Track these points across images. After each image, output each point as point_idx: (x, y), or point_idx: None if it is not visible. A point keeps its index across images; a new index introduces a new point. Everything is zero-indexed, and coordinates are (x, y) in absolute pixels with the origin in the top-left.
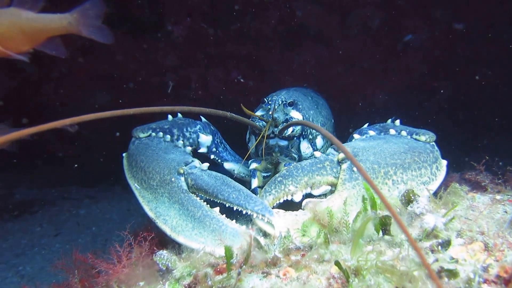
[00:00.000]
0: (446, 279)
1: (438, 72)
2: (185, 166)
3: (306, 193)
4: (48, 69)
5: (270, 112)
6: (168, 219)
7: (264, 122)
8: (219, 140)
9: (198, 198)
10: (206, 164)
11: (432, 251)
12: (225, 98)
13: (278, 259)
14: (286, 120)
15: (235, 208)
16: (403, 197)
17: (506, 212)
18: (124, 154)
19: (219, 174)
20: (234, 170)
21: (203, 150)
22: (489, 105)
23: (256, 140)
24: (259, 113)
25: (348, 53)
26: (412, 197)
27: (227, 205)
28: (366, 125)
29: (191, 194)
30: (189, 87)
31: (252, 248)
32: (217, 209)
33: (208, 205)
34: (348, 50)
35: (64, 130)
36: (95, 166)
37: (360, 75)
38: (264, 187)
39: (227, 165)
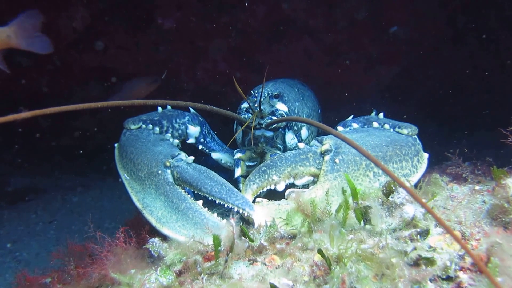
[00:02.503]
0: (423, 267)
1: (424, 64)
2: (172, 159)
3: (289, 183)
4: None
5: (256, 104)
6: (154, 210)
7: (250, 114)
8: (207, 131)
9: (183, 190)
10: (192, 158)
11: (411, 240)
12: (214, 90)
13: (263, 247)
14: (272, 112)
15: (217, 202)
16: (384, 188)
17: (484, 202)
18: (116, 145)
19: (203, 168)
20: (221, 160)
21: (191, 140)
22: (473, 96)
23: (242, 131)
24: (245, 105)
25: (335, 44)
26: (393, 188)
27: (209, 198)
28: (350, 117)
29: (176, 186)
30: (179, 79)
31: (237, 237)
32: (200, 202)
33: (192, 198)
34: (335, 42)
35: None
36: (88, 155)
37: (346, 67)
38: (249, 176)
39: (215, 155)
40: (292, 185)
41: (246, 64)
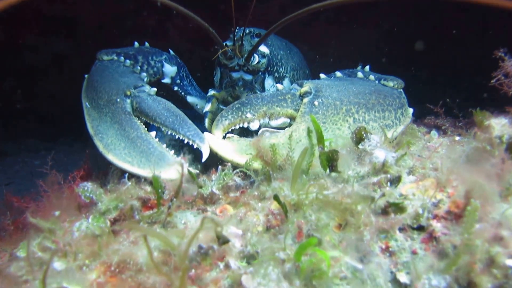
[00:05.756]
0: (392, 215)
1: (408, 26)
2: (134, 89)
3: (263, 123)
4: None
5: (236, 38)
6: (105, 137)
7: (231, 55)
8: (185, 74)
9: (139, 121)
10: (154, 89)
11: (380, 187)
12: (185, 48)
13: (215, 196)
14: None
15: (169, 133)
16: (353, 135)
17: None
18: (86, 76)
19: (164, 100)
20: (197, 105)
21: (167, 80)
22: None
23: (221, 73)
24: (227, 43)
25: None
26: (364, 135)
27: (162, 129)
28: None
29: (133, 116)
30: (145, 34)
31: (185, 181)
32: (153, 133)
33: (146, 129)
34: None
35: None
36: (57, 120)
37: (325, 27)
38: (221, 112)
39: (190, 99)
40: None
41: (222, 21)
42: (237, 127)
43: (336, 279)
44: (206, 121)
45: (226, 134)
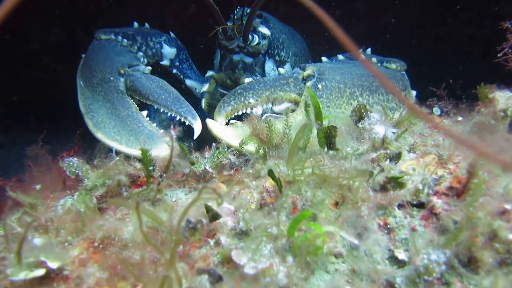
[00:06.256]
0: (391, 192)
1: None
2: (128, 68)
3: (266, 108)
4: None
5: (236, 17)
6: (95, 115)
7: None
8: (184, 57)
9: (132, 101)
10: (149, 68)
11: (379, 163)
12: (182, 35)
13: (208, 174)
14: (253, 30)
15: (161, 110)
16: (353, 113)
17: None
18: (83, 55)
19: (158, 78)
20: (195, 89)
21: (165, 62)
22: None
23: (221, 55)
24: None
25: None
26: (364, 113)
27: (155, 107)
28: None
29: (126, 95)
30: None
31: (176, 156)
32: (144, 112)
33: (138, 108)
34: None
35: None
36: (55, 114)
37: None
38: (223, 98)
39: (189, 82)
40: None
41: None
42: (240, 113)
43: (331, 255)
44: (203, 101)
45: (229, 120)
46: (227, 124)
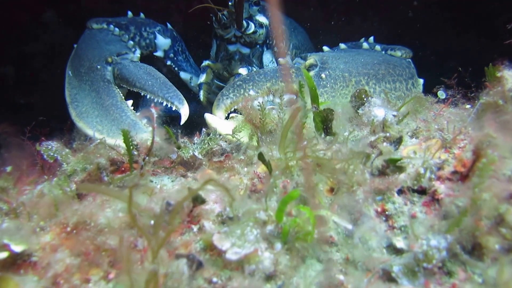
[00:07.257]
0: (390, 176)
1: None
2: (117, 56)
3: (267, 100)
4: None
5: (231, 4)
6: (80, 105)
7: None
8: (180, 49)
9: (117, 90)
10: (138, 56)
11: (378, 147)
12: (186, 32)
13: (197, 161)
14: (250, 18)
15: (148, 96)
16: (353, 98)
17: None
18: (75, 45)
19: (146, 65)
20: (190, 82)
21: (159, 53)
22: None
23: (217, 45)
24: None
25: None
26: (364, 98)
27: (142, 93)
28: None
29: (112, 84)
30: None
31: (161, 139)
32: (130, 102)
33: (123, 97)
34: None
35: None
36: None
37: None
38: (222, 90)
39: (184, 74)
40: None
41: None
42: (240, 105)
43: (323, 242)
44: (201, 93)
45: (229, 114)
46: (227, 118)
